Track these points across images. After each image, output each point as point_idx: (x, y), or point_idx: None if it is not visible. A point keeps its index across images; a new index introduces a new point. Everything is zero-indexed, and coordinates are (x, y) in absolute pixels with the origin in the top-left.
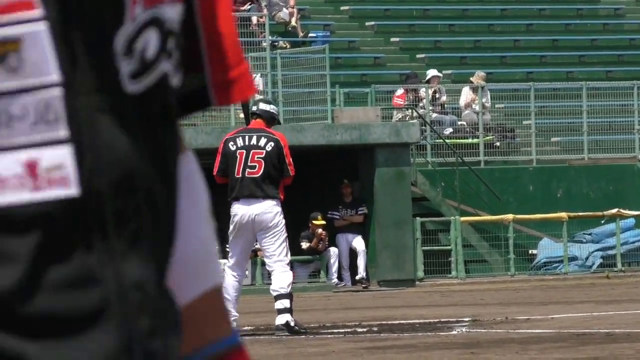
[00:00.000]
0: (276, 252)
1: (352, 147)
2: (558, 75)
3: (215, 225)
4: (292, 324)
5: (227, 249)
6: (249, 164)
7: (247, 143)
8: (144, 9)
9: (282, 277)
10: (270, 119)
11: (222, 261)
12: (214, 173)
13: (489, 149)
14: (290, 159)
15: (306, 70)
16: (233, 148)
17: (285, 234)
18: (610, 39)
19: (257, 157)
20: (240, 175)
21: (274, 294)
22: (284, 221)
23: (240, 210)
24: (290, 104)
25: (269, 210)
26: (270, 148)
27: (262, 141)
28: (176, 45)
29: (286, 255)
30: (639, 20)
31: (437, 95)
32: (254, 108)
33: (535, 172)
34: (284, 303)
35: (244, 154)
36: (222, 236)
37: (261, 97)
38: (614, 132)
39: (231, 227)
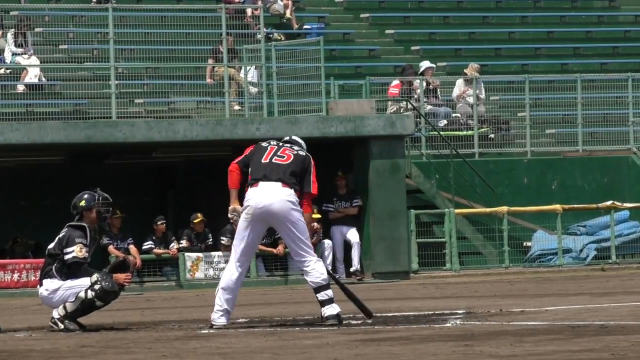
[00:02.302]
0: (303, 244)
1: (347, 139)
2: (553, 67)
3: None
4: (341, 315)
5: (222, 241)
6: (278, 154)
7: (280, 144)
8: None
9: (317, 268)
10: (295, 143)
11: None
12: (235, 161)
13: (484, 141)
14: (315, 179)
15: (301, 62)
16: (265, 145)
17: (304, 222)
18: (605, 31)
19: (288, 152)
20: (267, 161)
21: (315, 286)
22: (301, 211)
23: (257, 196)
24: (285, 96)
25: (289, 198)
26: (302, 154)
27: (295, 148)
28: None
29: (310, 243)
30: (633, 12)
31: (432, 87)
32: (287, 138)
33: (530, 164)
34: (328, 293)
35: (275, 148)
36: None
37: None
38: (609, 124)
39: (243, 214)
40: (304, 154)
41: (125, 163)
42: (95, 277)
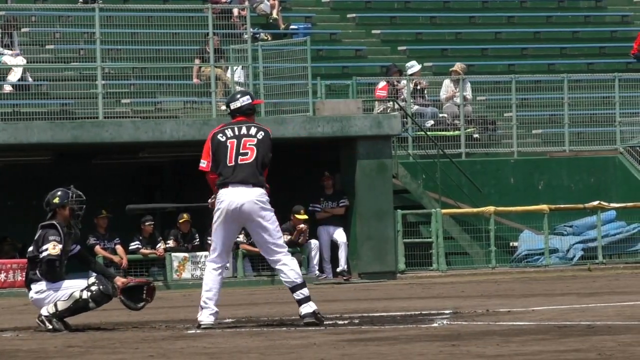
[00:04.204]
0: (275, 244)
1: (334, 139)
2: (539, 68)
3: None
4: (318, 313)
5: (209, 241)
6: (241, 151)
7: (237, 133)
8: None
9: (292, 267)
10: (248, 111)
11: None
12: (207, 169)
13: (470, 141)
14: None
15: (287, 62)
16: (223, 139)
17: (277, 222)
18: (591, 31)
19: (249, 145)
20: (233, 163)
21: (290, 285)
22: (272, 209)
23: (228, 197)
24: (272, 96)
25: (258, 198)
26: (261, 137)
27: (253, 130)
28: None
29: (283, 242)
30: (620, 13)
31: (420, 87)
32: (229, 111)
33: (517, 165)
34: (304, 292)
35: (235, 143)
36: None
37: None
38: (595, 124)
39: (216, 215)
40: (263, 133)
41: (112, 163)
42: (92, 278)
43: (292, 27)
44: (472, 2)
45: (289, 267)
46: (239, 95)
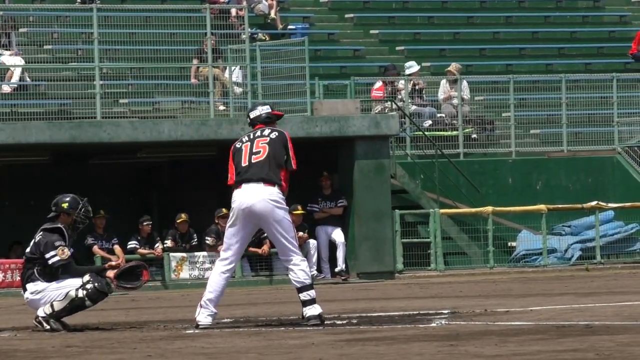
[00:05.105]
0: (288, 242)
1: (332, 139)
2: (537, 68)
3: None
4: (323, 315)
5: (207, 241)
6: (253, 151)
7: (252, 137)
8: None
9: (303, 267)
10: (267, 119)
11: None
12: (230, 182)
13: (468, 141)
14: (294, 154)
15: (285, 62)
16: (239, 145)
17: (291, 221)
18: (589, 32)
19: (261, 144)
20: (247, 163)
21: (299, 285)
22: (287, 209)
23: (239, 198)
24: (270, 96)
25: (271, 197)
26: (275, 136)
27: (267, 132)
28: None
29: (297, 242)
30: (618, 13)
31: (418, 88)
32: (249, 120)
33: (515, 165)
34: (311, 294)
35: (249, 145)
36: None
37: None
38: (593, 124)
39: (230, 215)
40: (277, 133)
41: (110, 163)
42: (87, 277)
43: (290, 27)
44: (470, 2)
45: (299, 267)
46: (258, 105)
